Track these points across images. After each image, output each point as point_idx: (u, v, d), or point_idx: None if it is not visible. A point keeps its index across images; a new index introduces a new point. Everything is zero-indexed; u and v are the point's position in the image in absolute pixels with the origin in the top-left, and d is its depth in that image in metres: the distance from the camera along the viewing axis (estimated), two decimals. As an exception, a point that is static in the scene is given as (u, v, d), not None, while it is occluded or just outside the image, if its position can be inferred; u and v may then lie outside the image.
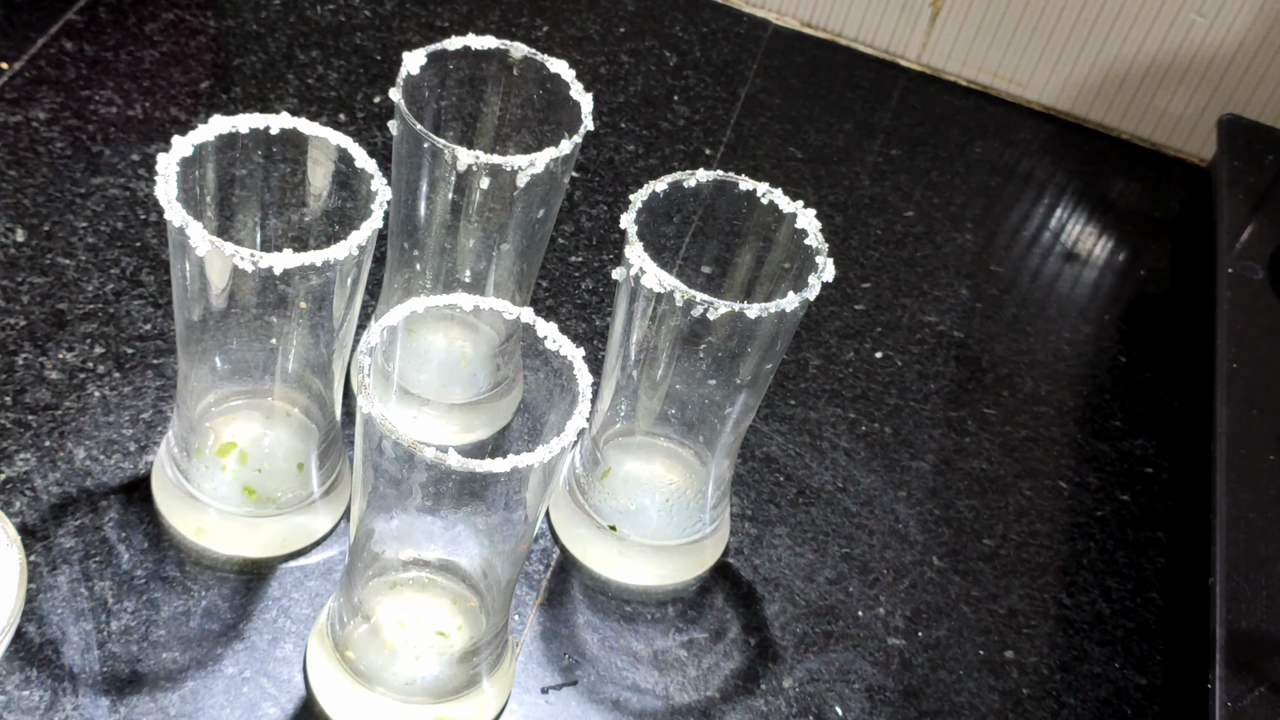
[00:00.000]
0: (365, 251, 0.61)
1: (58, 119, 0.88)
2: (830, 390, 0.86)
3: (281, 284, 0.60)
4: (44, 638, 0.65)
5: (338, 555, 0.71)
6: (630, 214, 0.64)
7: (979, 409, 0.87)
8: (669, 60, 1.05)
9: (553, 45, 1.03)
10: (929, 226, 0.98)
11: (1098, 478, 0.85)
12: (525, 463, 0.54)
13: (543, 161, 0.66)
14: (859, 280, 0.93)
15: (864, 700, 0.71)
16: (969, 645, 0.75)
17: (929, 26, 1.08)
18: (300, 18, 1.00)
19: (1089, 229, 1.02)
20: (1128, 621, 0.78)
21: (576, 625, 0.71)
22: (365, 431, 0.56)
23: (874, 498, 0.81)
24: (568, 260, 0.89)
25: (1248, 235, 0.90)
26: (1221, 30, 1.01)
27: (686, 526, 0.73)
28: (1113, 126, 1.09)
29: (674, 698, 0.69)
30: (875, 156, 1.02)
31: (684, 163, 0.97)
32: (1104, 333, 0.95)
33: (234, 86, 0.94)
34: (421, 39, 1.00)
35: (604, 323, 0.85)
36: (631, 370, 0.68)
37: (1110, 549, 0.81)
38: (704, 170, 0.67)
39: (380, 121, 0.93)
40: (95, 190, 0.84)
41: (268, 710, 0.65)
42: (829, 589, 0.76)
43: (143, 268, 0.81)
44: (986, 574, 0.78)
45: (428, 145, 0.66)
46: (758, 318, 0.62)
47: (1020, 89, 1.09)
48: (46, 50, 0.92)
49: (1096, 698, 0.74)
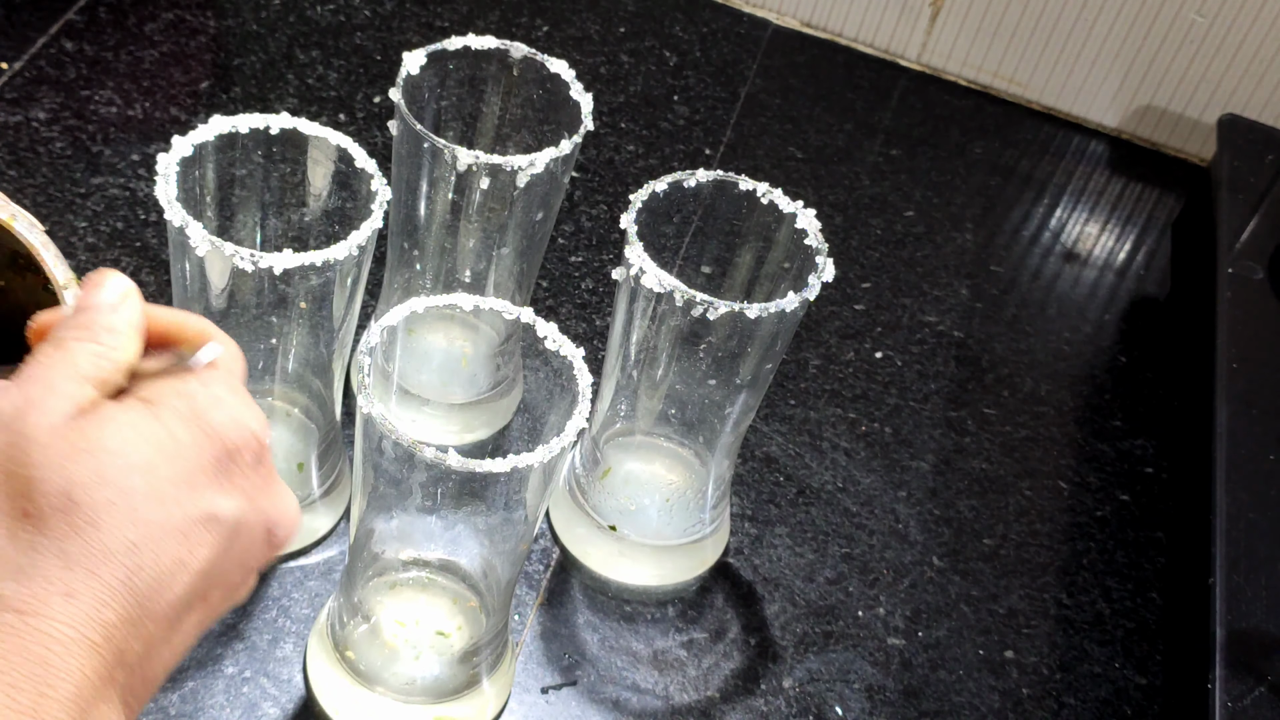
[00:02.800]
0: (365, 251, 0.61)
1: (58, 119, 0.88)
2: (830, 390, 0.86)
3: (281, 284, 0.60)
4: None
5: (338, 555, 0.71)
6: (630, 214, 0.64)
7: (979, 409, 0.87)
8: (669, 60, 1.05)
9: (553, 45, 1.03)
10: (929, 226, 0.98)
11: (1098, 478, 0.85)
12: (525, 463, 0.54)
13: (543, 161, 0.66)
14: (859, 280, 0.93)
15: (864, 700, 0.71)
16: (969, 645, 0.75)
17: (929, 26, 1.08)
18: (300, 18, 1.00)
19: (1089, 229, 1.02)
20: (1128, 621, 0.78)
21: (576, 625, 0.71)
22: (365, 431, 0.56)
23: (874, 498, 0.81)
24: (568, 260, 0.89)
25: (1248, 235, 0.90)
26: (1221, 30, 1.01)
27: (686, 526, 0.73)
28: (1112, 126, 1.09)
29: (674, 698, 0.69)
30: (875, 156, 1.02)
31: (684, 163, 0.97)
32: (1104, 333, 0.95)
33: (234, 86, 0.94)
34: (421, 39, 1.00)
35: (604, 323, 0.85)
36: (631, 370, 0.68)
37: (1110, 549, 0.81)
38: (704, 170, 0.67)
39: (380, 121, 0.93)
40: (95, 190, 0.84)
41: (268, 710, 0.65)
42: (829, 589, 0.76)
43: (143, 268, 0.81)
44: (986, 574, 0.78)
45: (428, 145, 0.66)
46: (758, 318, 0.62)
47: (1020, 89, 1.09)
48: (46, 50, 0.92)
49: (1096, 698, 0.74)
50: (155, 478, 0.40)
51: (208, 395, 0.42)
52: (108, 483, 0.39)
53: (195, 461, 0.41)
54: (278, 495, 0.44)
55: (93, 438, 0.40)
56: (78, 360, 0.42)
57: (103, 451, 0.39)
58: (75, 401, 0.41)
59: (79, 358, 0.42)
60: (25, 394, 0.41)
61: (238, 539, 0.42)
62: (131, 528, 0.39)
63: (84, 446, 0.39)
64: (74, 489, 0.39)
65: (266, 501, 0.43)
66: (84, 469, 0.39)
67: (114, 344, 0.43)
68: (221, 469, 0.42)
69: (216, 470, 0.42)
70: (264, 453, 0.43)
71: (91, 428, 0.40)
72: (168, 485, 0.40)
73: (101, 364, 0.42)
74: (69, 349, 0.42)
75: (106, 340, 0.43)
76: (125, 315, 0.44)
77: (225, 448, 0.42)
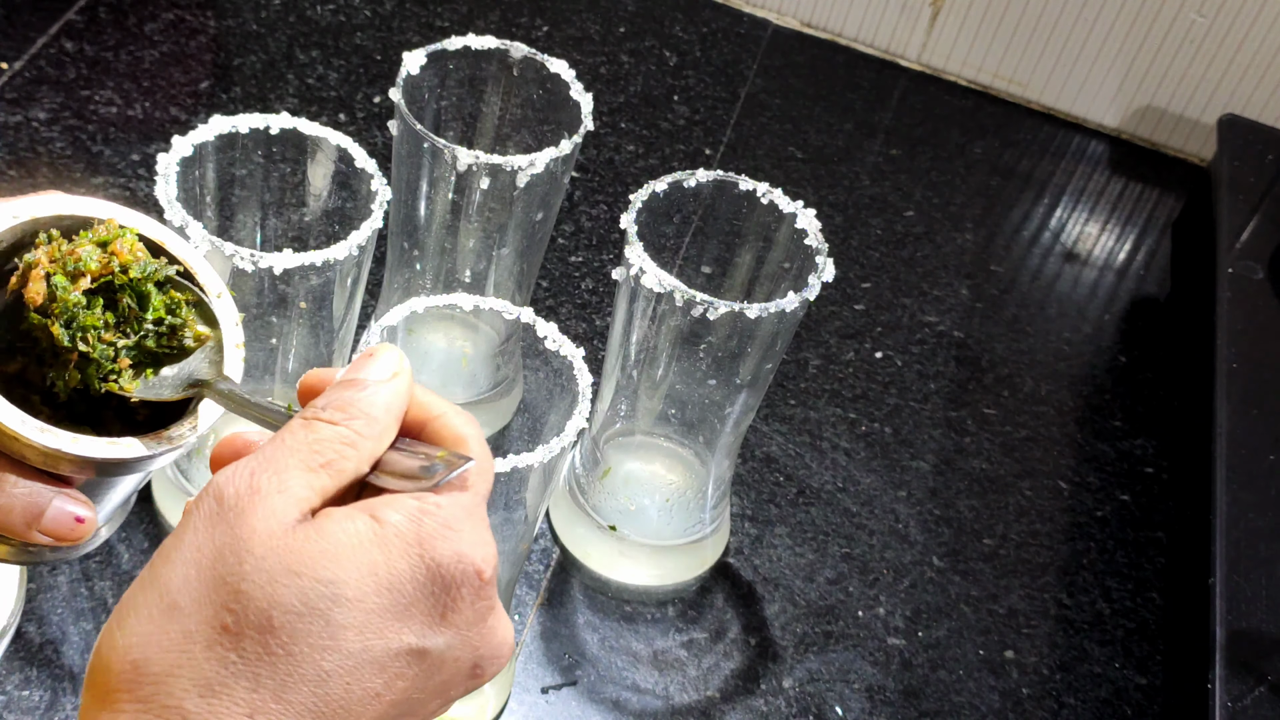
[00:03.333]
0: (365, 251, 0.61)
1: (58, 119, 0.88)
2: (830, 390, 0.86)
3: (281, 284, 0.60)
4: (44, 638, 0.65)
5: (338, 555, 0.71)
6: (630, 214, 0.64)
7: (979, 409, 0.87)
8: (669, 60, 1.05)
9: (553, 45, 1.03)
10: (929, 226, 0.98)
11: (1098, 478, 0.85)
12: (525, 463, 0.54)
13: (543, 161, 0.66)
14: (859, 280, 0.93)
15: (864, 700, 0.71)
16: (969, 645, 0.75)
17: (929, 26, 1.08)
18: (300, 18, 1.00)
19: (1089, 229, 1.02)
20: (1128, 621, 0.78)
21: (576, 625, 0.71)
22: (365, 431, 0.56)
23: (874, 498, 0.81)
24: (568, 260, 0.89)
25: (1248, 235, 0.90)
26: (1221, 30, 1.01)
27: (686, 526, 0.73)
28: (1112, 126, 1.09)
29: (674, 698, 0.69)
30: (875, 156, 1.02)
31: (684, 163, 0.97)
32: (1104, 333, 0.95)
33: (234, 86, 0.94)
34: (421, 39, 1.00)
35: (604, 323, 0.85)
36: (631, 370, 0.68)
37: (1110, 549, 0.81)
38: (704, 170, 0.67)
39: (380, 121, 0.93)
40: (95, 190, 0.84)
41: (268, 710, 0.65)
42: (829, 589, 0.76)
43: (143, 268, 0.81)
44: (986, 574, 0.78)
45: (428, 145, 0.66)
46: (758, 318, 0.62)
47: (1020, 89, 1.09)
48: (46, 50, 0.92)
49: (1096, 698, 0.74)
50: (363, 610, 0.38)
51: (438, 522, 0.40)
52: (312, 613, 0.38)
53: (410, 595, 0.39)
54: (491, 631, 0.41)
55: (307, 560, 0.38)
56: (322, 448, 0.40)
57: (313, 579, 0.38)
58: (301, 507, 0.39)
59: (324, 445, 0.40)
60: (254, 482, 0.39)
61: (439, 672, 0.41)
62: (327, 657, 0.38)
63: (295, 568, 0.38)
64: (275, 611, 0.38)
65: (478, 638, 0.41)
66: (290, 593, 0.38)
67: (368, 432, 0.41)
68: (436, 603, 0.40)
69: (431, 604, 0.40)
70: (486, 587, 0.41)
71: (309, 546, 0.38)
72: (375, 617, 0.39)
73: (345, 455, 0.40)
74: (316, 431, 0.41)
75: (361, 428, 0.41)
76: (389, 398, 0.42)
77: (444, 583, 0.40)
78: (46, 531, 0.43)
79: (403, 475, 0.41)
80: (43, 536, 0.43)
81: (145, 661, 0.38)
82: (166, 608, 0.38)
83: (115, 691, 0.38)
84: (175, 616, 0.38)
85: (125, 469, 0.44)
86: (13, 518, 0.43)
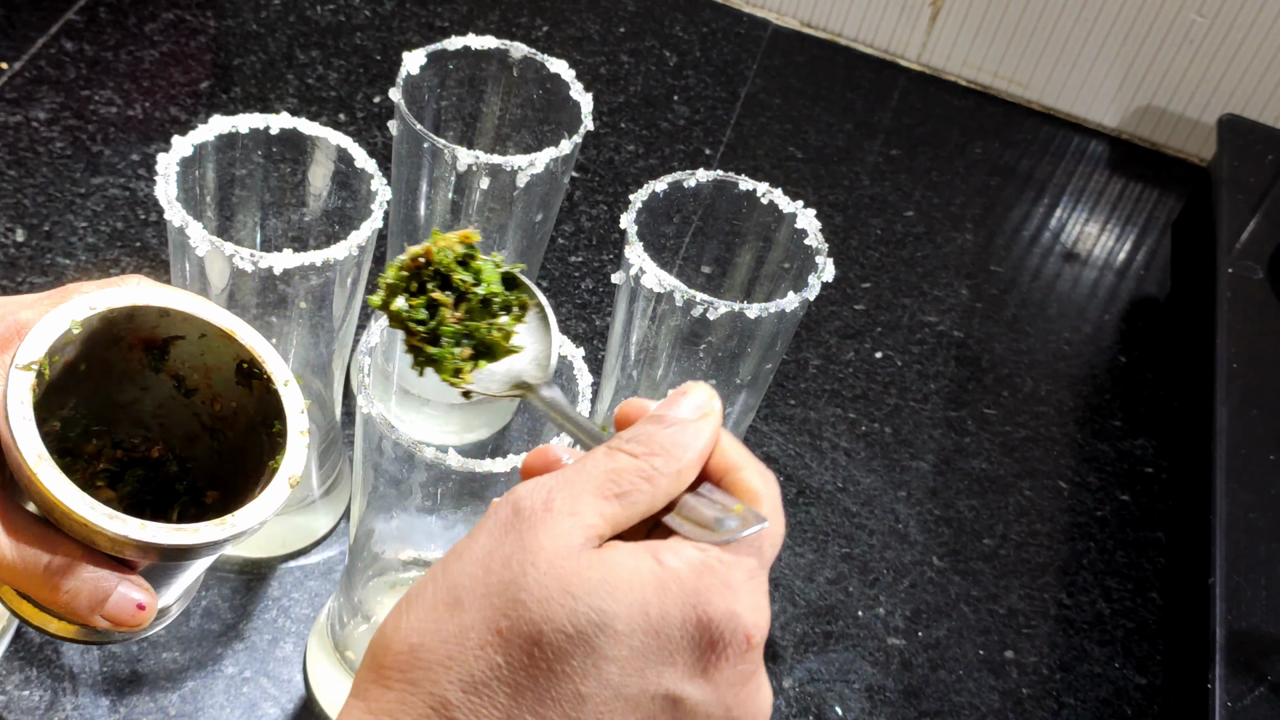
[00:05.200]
0: (365, 251, 0.61)
1: (58, 119, 0.88)
2: (830, 390, 0.86)
3: (281, 284, 0.60)
4: (44, 638, 0.65)
5: (338, 555, 0.71)
6: (630, 214, 0.64)
7: (979, 409, 0.87)
8: (669, 60, 1.05)
9: (553, 45, 1.03)
10: (929, 226, 0.98)
11: (1098, 478, 0.85)
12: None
13: (543, 161, 0.66)
14: (859, 280, 0.93)
15: (864, 700, 0.71)
16: (969, 645, 0.75)
17: (929, 26, 1.08)
18: (300, 18, 1.00)
19: (1089, 229, 1.02)
20: (1128, 621, 0.78)
21: (576, 625, 0.71)
22: (365, 432, 0.56)
23: (874, 498, 0.81)
24: (568, 260, 0.89)
25: (1248, 235, 0.90)
26: (1221, 30, 1.01)
27: (686, 526, 0.73)
28: (1112, 126, 1.09)
29: (674, 698, 0.69)
30: (875, 156, 1.02)
31: (684, 163, 0.97)
32: (1104, 333, 0.95)
33: (234, 86, 0.94)
34: (421, 39, 1.00)
35: (604, 323, 0.85)
36: (631, 370, 0.68)
37: (1110, 549, 0.81)
38: (704, 170, 0.67)
39: (380, 121, 0.93)
40: (95, 190, 0.84)
41: (268, 710, 0.65)
42: (829, 589, 0.76)
43: (143, 268, 0.81)
44: (986, 574, 0.78)
45: (428, 145, 0.66)
46: (758, 318, 0.62)
47: (1020, 89, 1.09)
48: (46, 50, 0.92)
49: (1096, 698, 0.74)
50: (628, 646, 0.39)
51: (719, 579, 0.40)
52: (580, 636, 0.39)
53: (676, 642, 0.40)
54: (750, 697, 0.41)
55: (584, 585, 0.39)
56: (619, 478, 0.41)
57: (587, 604, 0.39)
58: (588, 532, 0.40)
59: (621, 476, 0.41)
60: (549, 500, 0.40)
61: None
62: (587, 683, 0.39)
63: (573, 590, 0.39)
64: (546, 627, 0.39)
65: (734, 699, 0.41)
66: (563, 613, 0.39)
67: (666, 469, 0.41)
68: (701, 656, 0.40)
69: (695, 656, 0.40)
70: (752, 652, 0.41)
71: (589, 573, 0.39)
72: (638, 656, 0.39)
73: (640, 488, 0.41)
74: (616, 461, 0.41)
75: (660, 465, 0.41)
76: (692, 439, 0.42)
77: (712, 638, 0.40)
78: (108, 617, 0.44)
79: (696, 522, 0.41)
80: (104, 621, 0.44)
81: (422, 648, 0.39)
82: (450, 602, 0.40)
83: (390, 669, 0.40)
84: (456, 612, 0.39)
85: (190, 555, 0.45)
86: (79, 602, 0.44)
